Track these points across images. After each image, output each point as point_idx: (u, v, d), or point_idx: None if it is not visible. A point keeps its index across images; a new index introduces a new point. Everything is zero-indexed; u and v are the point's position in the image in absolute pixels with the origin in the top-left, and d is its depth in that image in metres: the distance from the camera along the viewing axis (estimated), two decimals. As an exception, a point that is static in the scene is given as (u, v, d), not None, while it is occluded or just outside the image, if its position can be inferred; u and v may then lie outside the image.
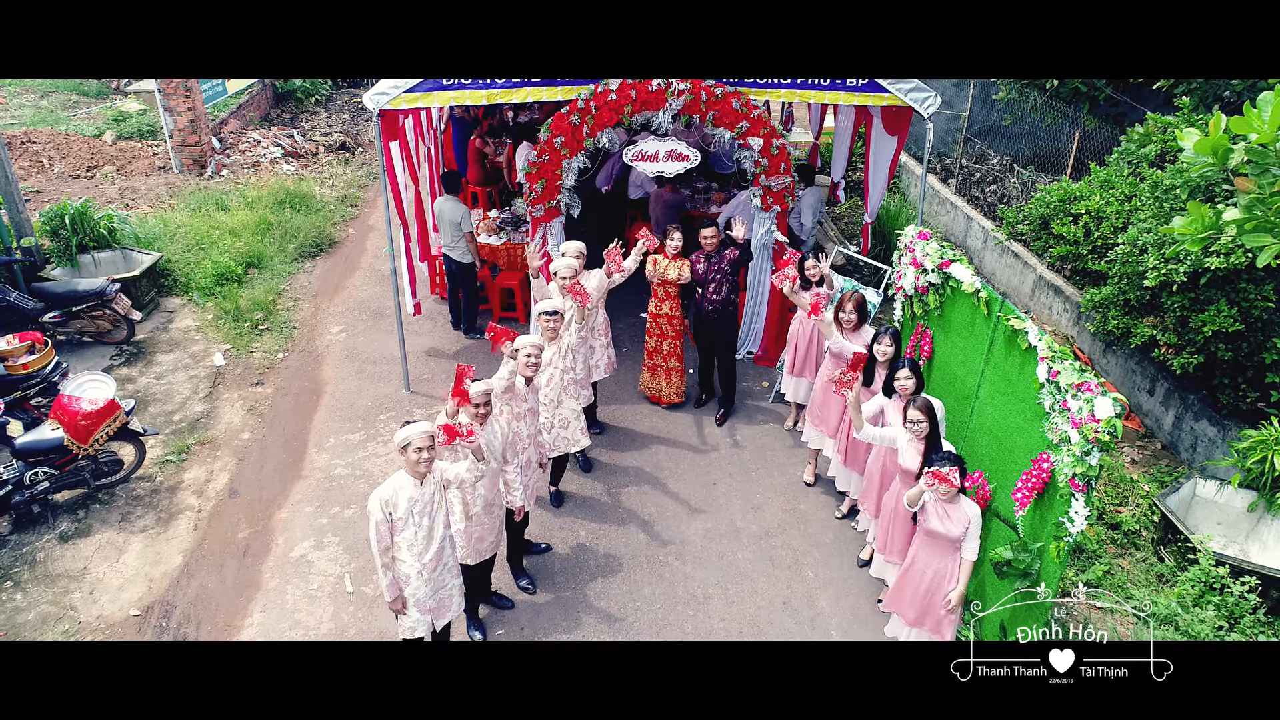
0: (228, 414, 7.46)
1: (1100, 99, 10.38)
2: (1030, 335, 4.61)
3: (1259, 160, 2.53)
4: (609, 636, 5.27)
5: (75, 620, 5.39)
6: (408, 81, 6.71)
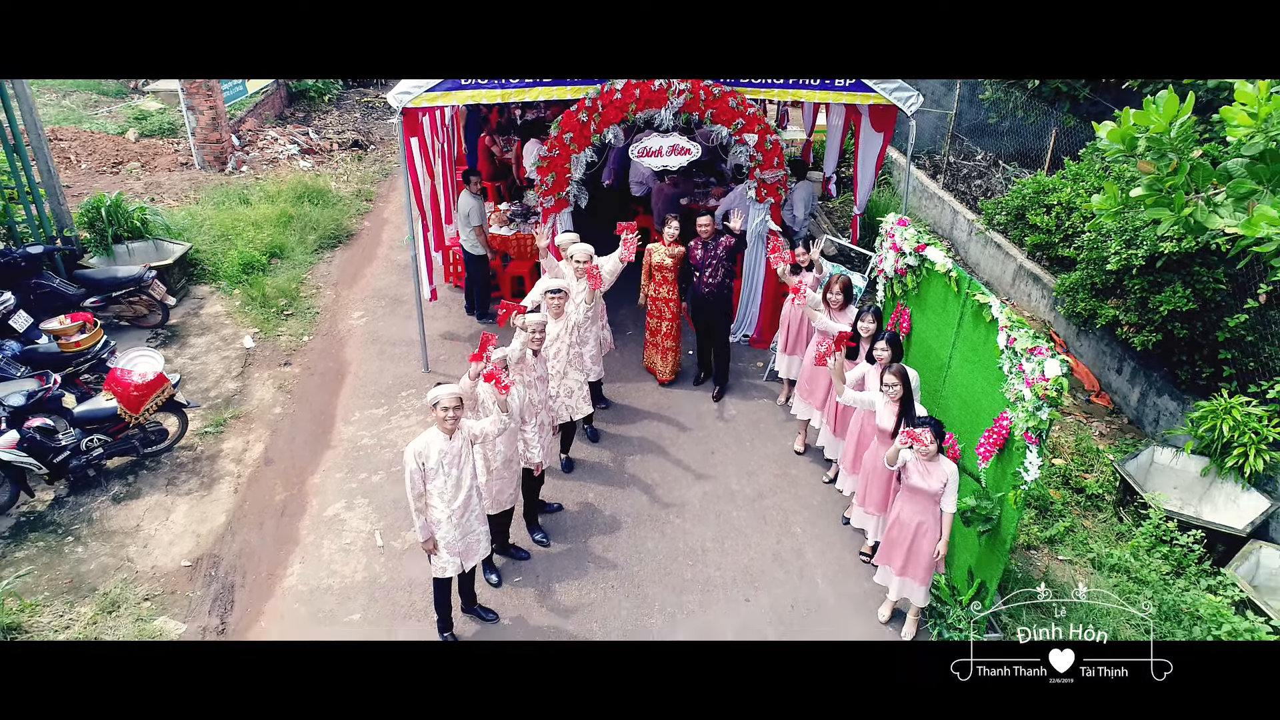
0: (259, 391, 8.02)
1: (1080, 98, 10.95)
2: (993, 308, 5.17)
3: (1155, 148, 3.09)
4: (615, 583, 5.83)
5: (132, 570, 5.94)
6: (429, 81, 7.25)
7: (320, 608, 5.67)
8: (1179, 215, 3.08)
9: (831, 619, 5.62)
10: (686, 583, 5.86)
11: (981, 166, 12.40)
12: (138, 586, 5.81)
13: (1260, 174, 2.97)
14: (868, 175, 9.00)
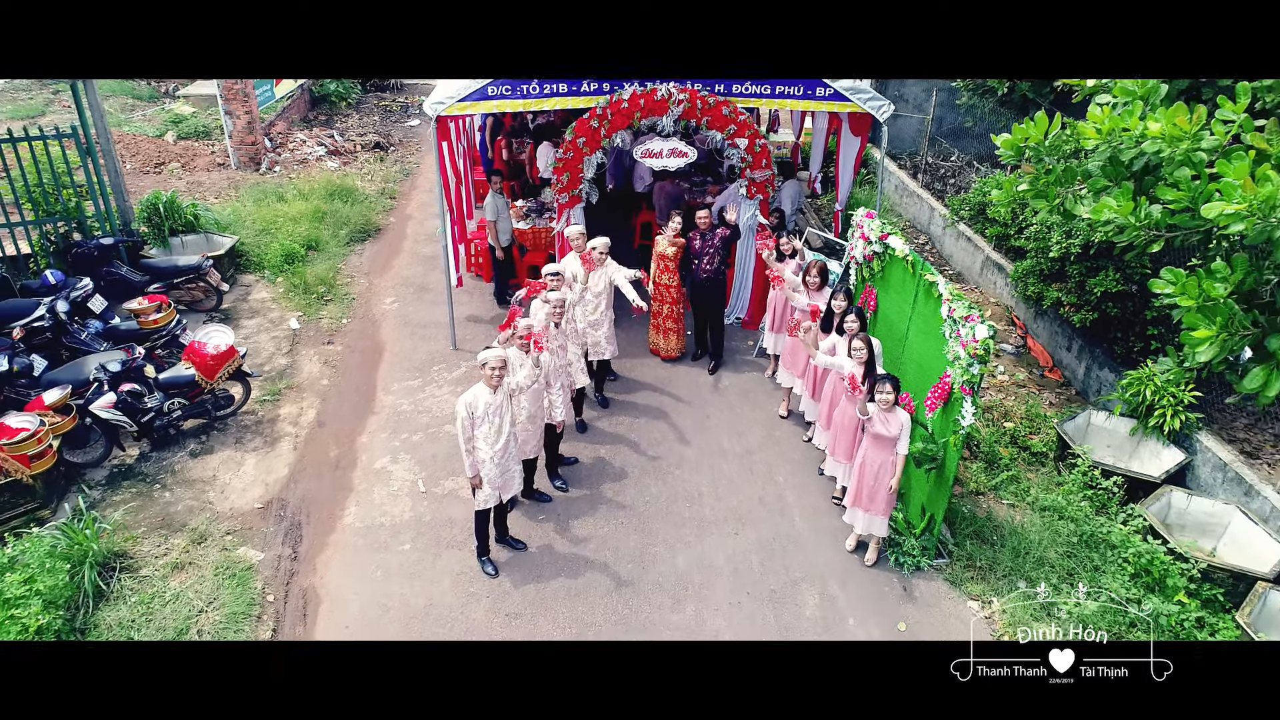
0: (307, 366, 9.07)
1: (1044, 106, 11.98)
2: (939, 285, 6.21)
3: (1035, 154, 4.14)
4: (624, 520, 6.88)
5: (214, 510, 7.00)
6: (460, 92, 8.30)
7: (376, 540, 6.72)
8: (1052, 204, 4.13)
9: (806, 549, 6.67)
10: (684, 520, 6.92)
11: (957, 166, 13.44)
12: (220, 523, 6.86)
13: (1109, 174, 4.02)
14: (847, 174, 10.04)
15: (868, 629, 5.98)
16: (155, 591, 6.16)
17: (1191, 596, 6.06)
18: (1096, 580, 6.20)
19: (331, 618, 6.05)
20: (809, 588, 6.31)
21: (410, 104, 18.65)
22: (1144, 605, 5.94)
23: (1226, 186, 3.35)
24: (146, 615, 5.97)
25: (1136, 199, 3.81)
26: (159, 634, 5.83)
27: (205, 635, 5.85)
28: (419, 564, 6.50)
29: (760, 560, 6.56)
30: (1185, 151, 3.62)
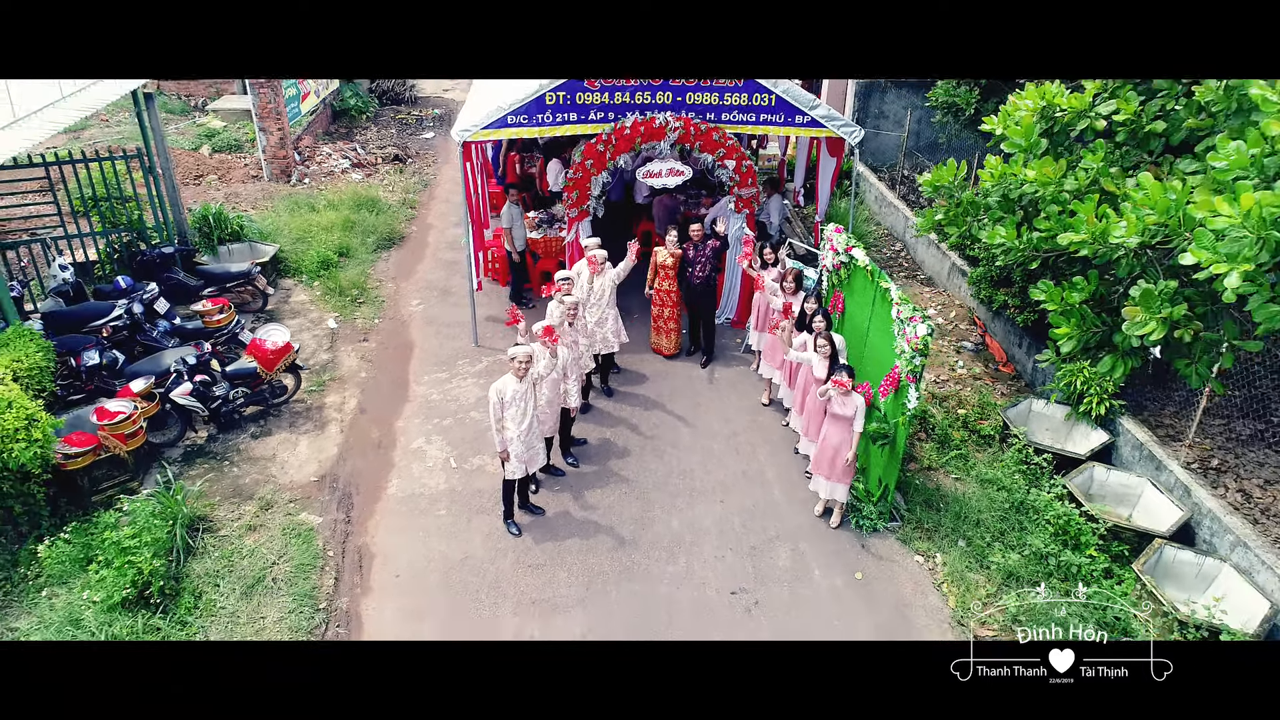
0: (346, 360, 10.27)
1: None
2: (892, 291, 7.40)
3: (948, 191, 5.34)
4: (626, 490, 8.09)
5: (276, 483, 8.19)
6: (484, 120, 9.48)
7: (416, 507, 7.92)
8: (961, 230, 5.34)
9: (781, 514, 7.87)
10: (678, 490, 8.12)
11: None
12: (283, 493, 8.06)
13: (1002, 208, 5.23)
14: (825, 189, 11.22)
15: (830, 578, 7.19)
16: (234, 548, 7.36)
17: (1102, 551, 7.26)
18: (1023, 539, 7.40)
19: (384, 569, 7.25)
20: (782, 545, 7.52)
21: (424, 116, 19.84)
22: (1061, 558, 7.15)
23: (1076, 220, 4.54)
24: (228, 566, 7.17)
25: (1020, 228, 5.00)
26: (239, 581, 7.02)
27: (279, 583, 7.05)
28: (454, 526, 7.70)
29: (742, 523, 7.76)
30: (1053, 192, 4.81)
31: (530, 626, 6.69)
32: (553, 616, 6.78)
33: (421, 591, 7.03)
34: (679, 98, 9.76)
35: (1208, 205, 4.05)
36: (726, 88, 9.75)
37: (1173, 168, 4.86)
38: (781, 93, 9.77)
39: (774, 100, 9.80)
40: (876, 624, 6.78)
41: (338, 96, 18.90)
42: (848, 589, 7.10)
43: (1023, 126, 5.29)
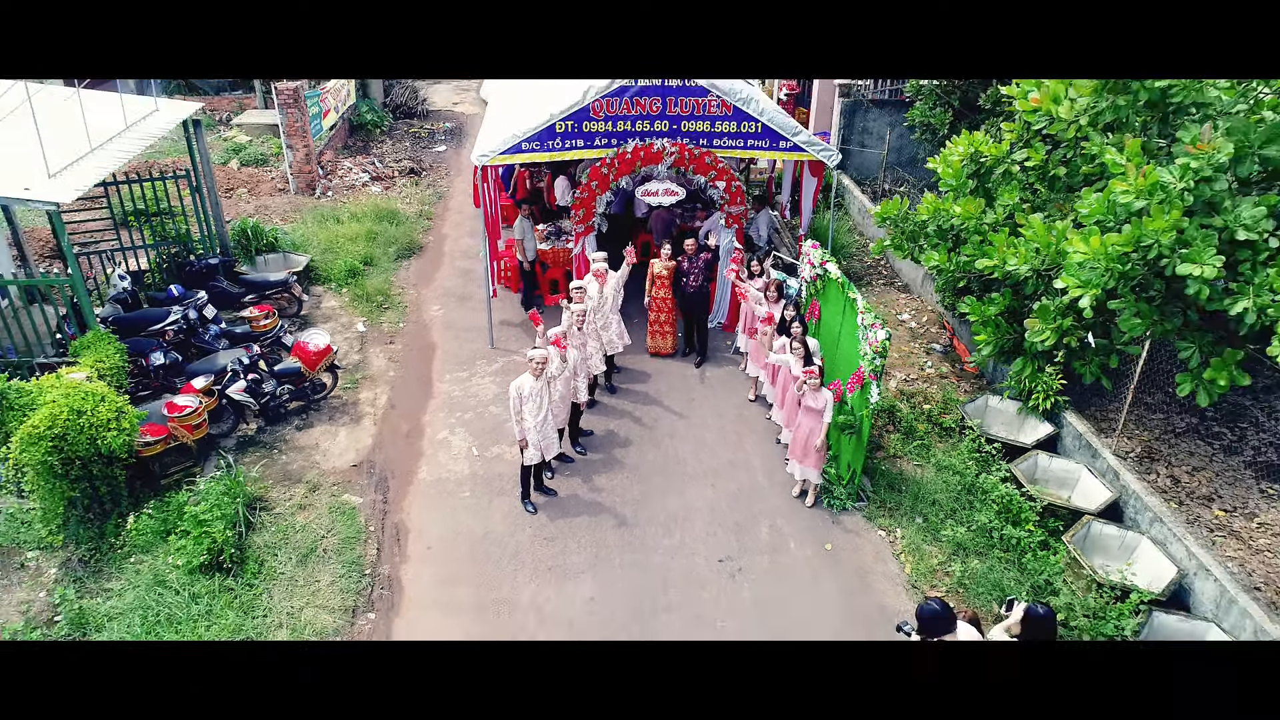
0: (376, 361, 11.41)
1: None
2: (858, 301, 8.54)
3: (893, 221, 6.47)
4: (629, 475, 9.22)
5: (320, 469, 9.33)
6: (500, 146, 10.60)
7: (444, 489, 9.06)
8: (905, 254, 6.49)
9: (763, 496, 9.01)
10: (674, 475, 9.26)
11: (909, 191, 15.75)
12: (327, 478, 9.20)
13: (937, 235, 6.38)
14: (808, 205, 12.35)
15: (804, 549, 8.33)
16: (288, 524, 8.50)
17: (1039, 526, 8.40)
18: (971, 516, 8.54)
19: (418, 542, 8.39)
20: (764, 521, 8.66)
21: (436, 130, 20.96)
22: (1003, 532, 8.29)
23: (990, 249, 5.68)
24: (284, 539, 8.31)
25: (951, 253, 6.13)
26: (295, 551, 8.16)
27: (329, 553, 8.19)
28: (477, 506, 8.84)
29: (729, 503, 8.90)
30: (974, 224, 5.94)
31: (545, 590, 7.83)
32: (564, 582, 7.92)
33: (451, 561, 8.18)
34: (675, 125, 10.89)
35: (1073, 242, 5.12)
36: (717, 116, 10.88)
37: (1071, 206, 5.97)
38: (767, 121, 10.90)
39: (760, 128, 10.93)
40: (841, 588, 7.93)
41: (355, 112, 20.02)
42: (818, 558, 8.25)
43: (954, 169, 6.40)
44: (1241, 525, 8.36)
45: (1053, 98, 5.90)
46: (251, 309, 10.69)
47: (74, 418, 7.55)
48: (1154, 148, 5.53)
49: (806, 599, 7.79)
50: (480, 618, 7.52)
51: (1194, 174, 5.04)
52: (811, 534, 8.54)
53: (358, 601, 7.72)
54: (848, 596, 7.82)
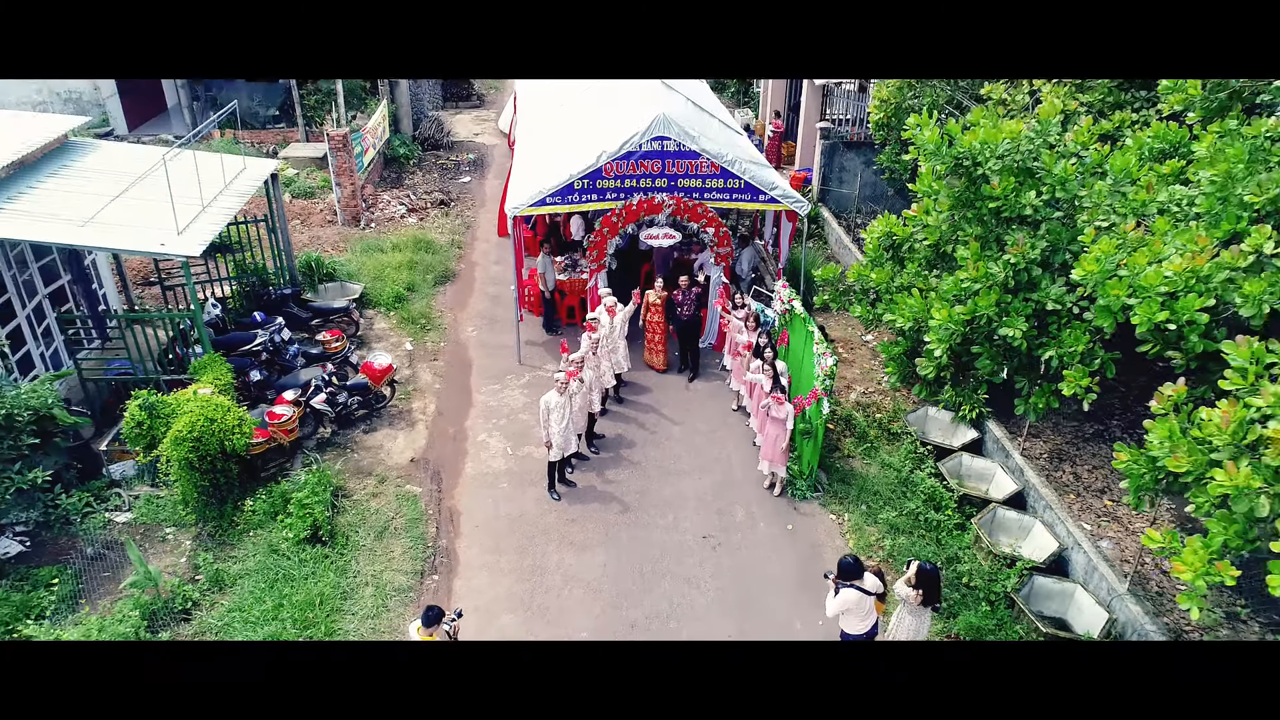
0: (423, 375, 13.71)
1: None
2: (815, 333, 10.80)
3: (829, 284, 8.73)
4: (633, 470, 11.51)
5: (386, 465, 11.63)
6: (529, 199, 12.89)
7: (485, 481, 11.36)
8: (838, 304, 8.75)
9: (740, 487, 11.28)
10: (669, 471, 11.54)
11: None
12: (391, 472, 11.50)
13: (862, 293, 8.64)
14: (785, 244, 14.61)
15: (770, 529, 10.60)
16: (365, 508, 10.80)
17: (956, 512, 10.66)
18: (903, 504, 10.80)
19: (468, 521, 10.68)
20: (740, 507, 10.94)
21: (461, 161, 23.27)
22: (927, 516, 10.54)
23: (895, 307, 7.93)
24: (362, 519, 10.61)
25: (872, 307, 8.38)
26: (371, 530, 10.45)
27: (398, 531, 10.48)
28: (513, 494, 11.13)
29: (713, 493, 11.18)
30: (885, 286, 8.19)
31: (568, 558, 10.12)
32: (583, 551, 10.21)
33: (494, 536, 10.47)
34: (672, 182, 13.18)
35: (933, 311, 7.31)
36: (707, 175, 13.16)
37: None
38: (749, 179, 13.18)
39: (743, 184, 13.21)
40: (798, 557, 10.19)
41: (388, 145, 22.34)
42: (781, 536, 10.52)
43: (873, 243, 8.62)
44: (1124, 513, 10.62)
45: (924, 210, 8.20)
46: (324, 333, 13.01)
47: (208, 424, 9.87)
48: (991, 247, 7.66)
49: (772, 566, 10.06)
50: (518, 578, 9.82)
51: (1012, 267, 7.26)
52: (777, 517, 10.82)
53: (424, 566, 10.02)
54: (803, 564, 10.09)
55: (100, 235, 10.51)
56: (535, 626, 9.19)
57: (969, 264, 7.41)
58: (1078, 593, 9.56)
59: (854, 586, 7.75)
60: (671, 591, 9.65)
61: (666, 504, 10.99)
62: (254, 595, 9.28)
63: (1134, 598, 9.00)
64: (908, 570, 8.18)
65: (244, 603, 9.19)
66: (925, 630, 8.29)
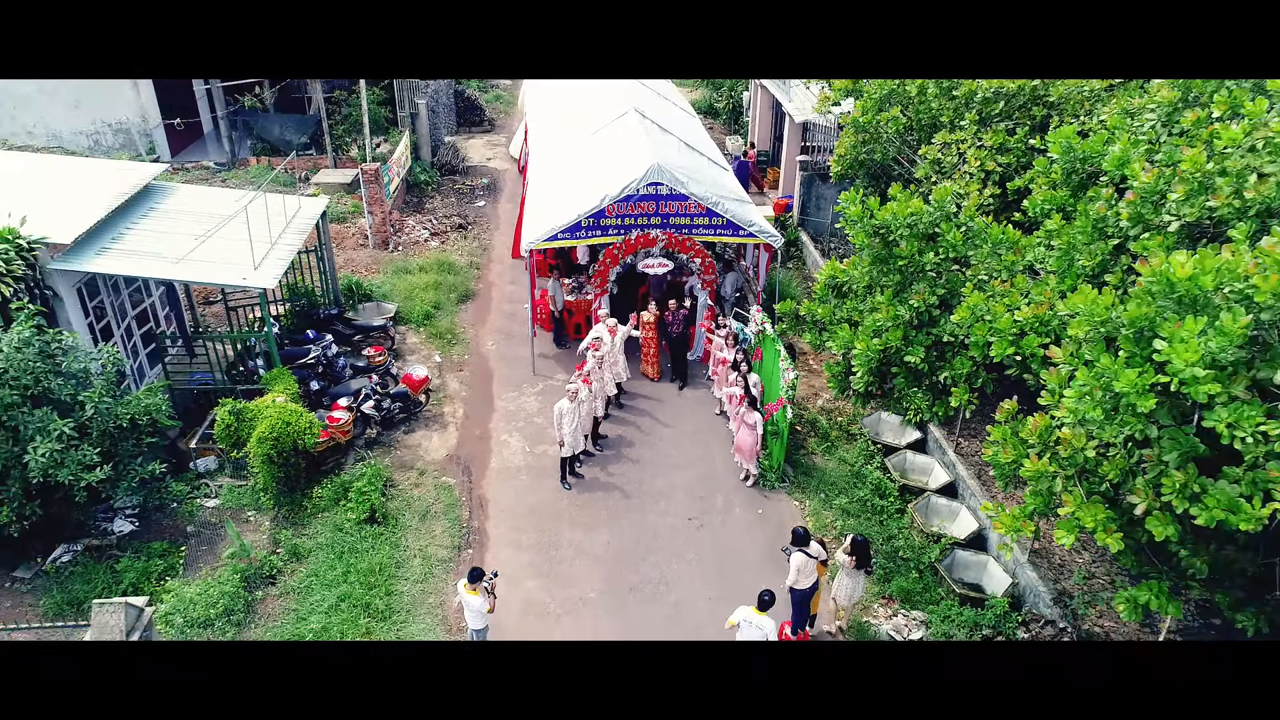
0: (451, 384, 15.98)
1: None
2: (782, 352, 13.07)
3: (786, 316, 10.99)
4: (631, 464, 13.78)
5: (425, 459, 13.90)
6: (542, 235, 15.16)
7: (508, 474, 13.63)
8: (795, 333, 11.03)
9: (720, 478, 13.56)
10: (662, 465, 13.82)
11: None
12: (430, 466, 13.77)
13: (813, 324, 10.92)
14: (763, 270, 16.89)
15: (745, 513, 12.87)
16: (409, 496, 13.07)
17: (898, 499, 12.93)
18: (855, 492, 13.07)
19: (495, 507, 12.96)
20: (719, 495, 13.21)
21: (476, 185, 25.53)
22: (873, 502, 12.81)
23: (833, 336, 10.18)
24: (407, 505, 12.88)
25: (819, 335, 10.63)
26: (415, 515, 12.72)
27: (438, 514, 12.74)
28: (531, 485, 13.40)
29: (698, 483, 13.45)
30: (829, 320, 10.44)
31: (578, 536, 12.37)
32: (590, 531, 12.47)
33: (517, 518, 12.74)
34: (665, 220, 15.44)
35: (855, 343, 9.64)
36: (695, 214, 15.43)
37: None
38: (730, 217, 15.45)
39: (725, 221, 15.48)
40: (767, 536, 12.46)
41: (410, 172, 24.60)
42: (754, 519, 12.79)
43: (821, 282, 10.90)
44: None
45: (853, 264, 10.52)
46: (369, 348, 15.28)
47: (284, 426, 12.13)
48: (903, 293, 9.85)
49: (744, 543, 12.33)
50: (537, 552, 12.08)
51: (914, 309, 9.52)
52: (750, 503, 13.09)
53: (460, 542, 12.28)
54: (770, 541, 12.34)
55: (195, 270, 12.80)
56: (552, 589, 11.46)
57: (883, 308, 9.65)
58: (990, 563, 11.85)
59: (803, 551, 10.02)
60: (662, 562, 11.92)
61: (659, 493, 13.26)
62: (327, 563, 11.55)
63: (1031, 565, 11.28)
64: (845, 542, 10.45)
65: (319, 569, 11.46)
66: (860, 589, 10.57)
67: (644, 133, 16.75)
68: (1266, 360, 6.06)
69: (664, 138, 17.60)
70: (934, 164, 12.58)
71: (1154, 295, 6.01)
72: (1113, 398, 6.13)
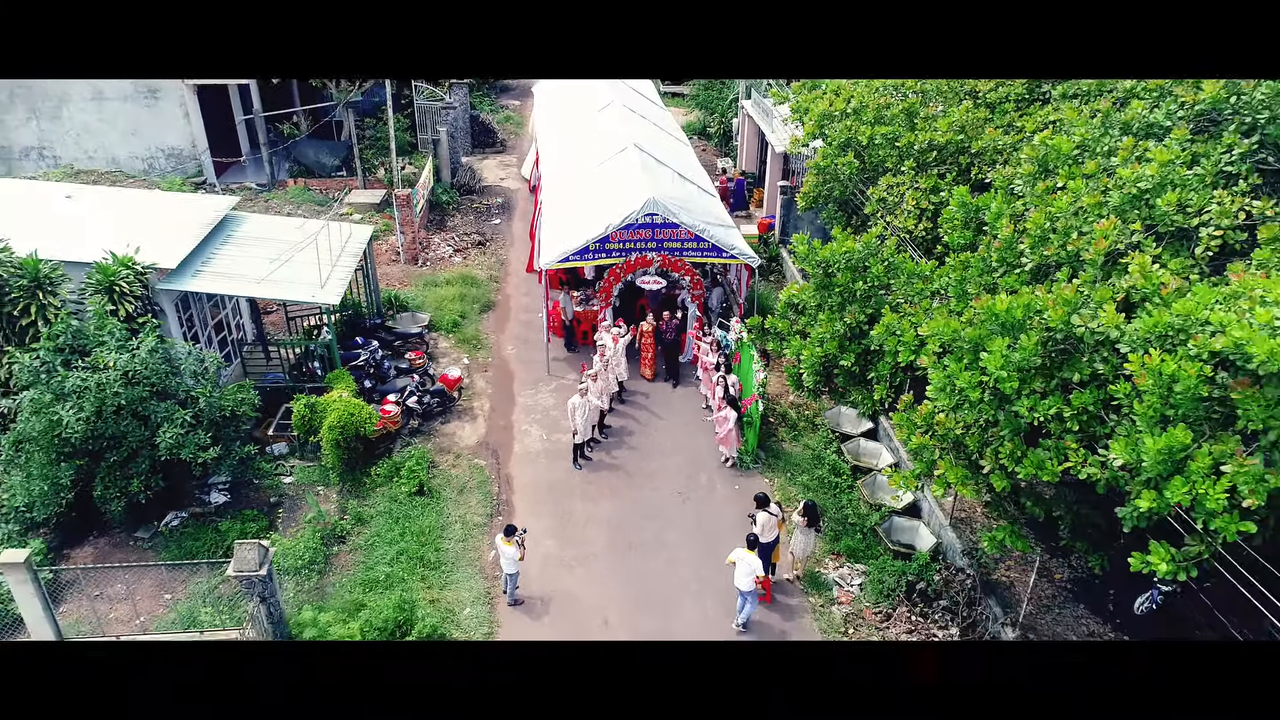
0: (478, 383, 18.81)
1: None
2: (755, 355, 15.88)
3: (754, 330, 13.81)
4: (631, 452, 16.61)
5: (459, 446, 16.73)
6: (556, 257, 17.99)
7: (528, 458, 16.46)
8: (761, 344, 13.87)
9: (705, 461, 16.38)
10: (655, 450, 16.64)
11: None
12: (464, 450, 16.60)
13: (775, 336, 13.75)
14: (744, 286, 19.70)
15: (724, 488, 15.69)
16: (448, 474, 15.89)
17: (850, 477, 15.75)
18: (814, 472, 15.90)
19: (519, 483, 15.78)
20: (704, 474, 16.04)
21: (491, 205, 28.35)
22: (830, 480, 15.64)
23: (789, 347, 13.00)
24: (447, 482, 15.70)
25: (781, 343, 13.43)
26: (454, 489, 15.53)
27: (472, 489, 15.56)
28: (549, 466, 16.23)
29: (688, 465, 16.28)
30: (788, 332, 13.24)
31: (589, 508, 15.19)
32: (598, 503, 15.29)
33: (537, 493, 15.56)
34: (659, 244, 18.26)
35: (803, 353, 12.46)
36: (685, 239, 18.24)
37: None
38: (715, 241, 18.27)
39: (711, 246, 18.31)
40: (742, 508, 15.25)
41: (433, 193, 27.42)
42: (732, 493, 15.62)
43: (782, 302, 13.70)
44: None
45: (803, 290, 13.37)
46: (410, 353, 18.12)
47: (349, 417, 14.96)
48: (842, 311, 12.68)
49: (724, 513, 15.14)
50: (555, 519, 14.90)
51: (847, 325, 12.36)
52: (728, 481, 15.92)
53: (492, 511, 15.10)
54: (744, 510, 15.10)
55: (274, 289, 15.64)
56: (566, 548, 14.28)
57: (823, 323, 12.45)
58: (920, 527, 14.68)
59: (766, 511, 12.84)
60: (656, 527, 14.73)
61: (654, 472, 16.08)
62: (386, 526, 14.37)
63: (952, 528, 14.10)
64: (799, 506, 13.28)
65: (380, 531, 14.29)
66: (812, 545, 13.41)
67: (641, 167, 19.57)
68: (1070, 365, 8.88)
69: (660, 170, 20.41)
70: (880, 201, 15.39)
71: (984, 322, 8.84)
72: (959, 391, 8.95)
